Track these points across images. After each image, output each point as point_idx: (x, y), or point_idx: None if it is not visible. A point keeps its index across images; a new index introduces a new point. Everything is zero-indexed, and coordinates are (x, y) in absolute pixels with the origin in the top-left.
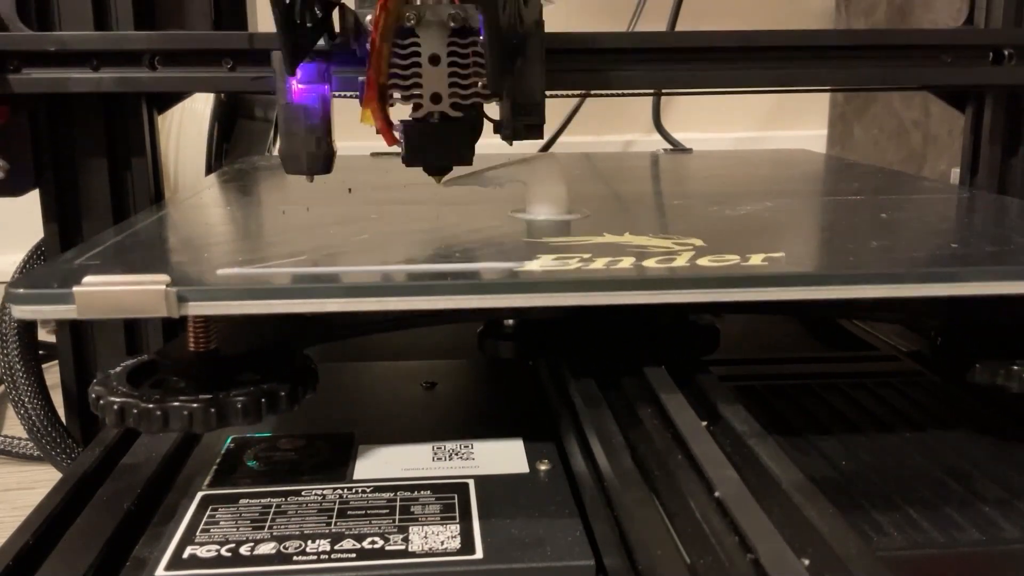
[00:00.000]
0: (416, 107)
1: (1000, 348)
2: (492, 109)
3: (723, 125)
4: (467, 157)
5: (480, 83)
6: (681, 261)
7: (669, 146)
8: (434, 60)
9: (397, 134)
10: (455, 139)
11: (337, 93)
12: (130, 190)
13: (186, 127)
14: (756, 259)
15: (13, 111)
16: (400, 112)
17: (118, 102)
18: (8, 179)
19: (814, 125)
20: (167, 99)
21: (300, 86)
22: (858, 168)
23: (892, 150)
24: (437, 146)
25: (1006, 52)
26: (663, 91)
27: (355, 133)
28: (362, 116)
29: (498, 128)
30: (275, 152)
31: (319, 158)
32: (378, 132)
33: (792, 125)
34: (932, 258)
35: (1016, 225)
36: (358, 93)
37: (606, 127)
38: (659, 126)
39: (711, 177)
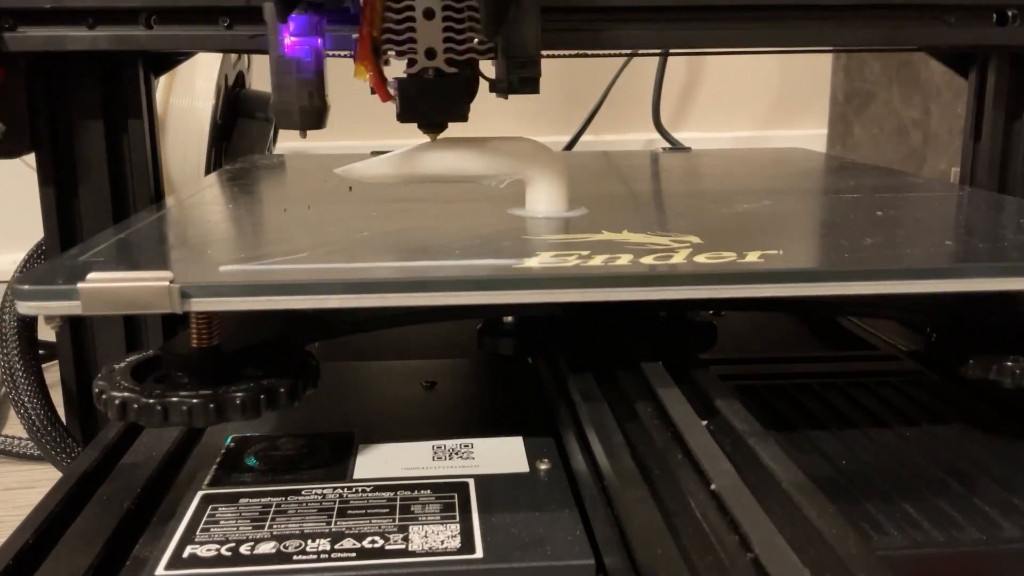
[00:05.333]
0: (410, 63)
1: (994, 344)
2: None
3: (722, 124)
4: (462, 113)
5: (476, 39)
6: (679, 258)
7: (668, 145)
8: (428, 14)
9: (392, 91)
10: (450, 95)
11: (332, 52)
12: (126, 153)
13: (186, 126)
14: (752, 256)
15: (9, 72)
16: (396, 73)
17: (114, 63)
18: (4, 141)
19: (814, 124)
20: (163, 60)
21: (292, 39)
22: (855, 167)
23: (892, 149)
24: (432, 102)
25: (1010, 12)
26: (668, 51)
27: (356, 132)
28: (356, 71)
29: (494, 86)
30: (275, 151)
31: (312, 113)
32: (372, 91)
33: (792, 124)
34: (927, 255)
35: (1010, 222)
36: (352, 51)
37: (605, 126)
38: (658, 125)
39: (709, 175)
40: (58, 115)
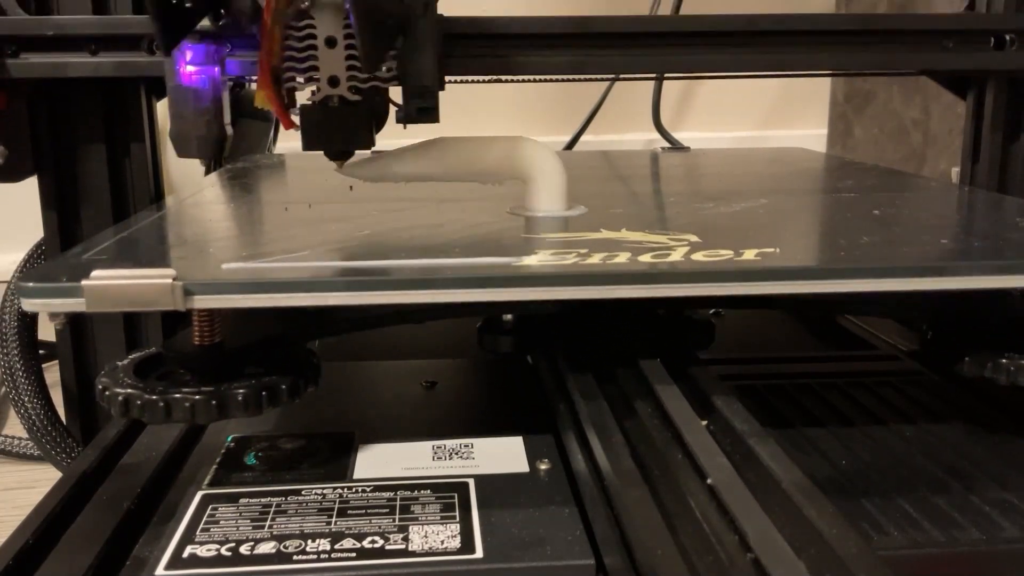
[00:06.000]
0: (315, 91)
1: (989, 341)
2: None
3: (722, 124)
4: (366, 141)
5: (384, 67)
6: (676, 256)
7: (667, 144)
8: (330, 42)
9: (296, 118)
10: (354, 123)
11: (245, 77)
12: (129, 177)
13: None
14: (749, 254)
15: (12, 97)
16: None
17: (117, 88)
18: (7, 165)
19: (814, 124)
20: (165, 84)
21: (190, 68)
22: (853, 166)
23: (892, 149)
24: (335, 130)
25: (1008, 37)
26: (665, 75)
27: None
28: (256, 99)
29: (398, 114)
30: (275, 150)
31: (209, 141)
32: (277, 119)
33: (792, 124)
34: (922, 253)
35: (1006, 221)
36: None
37: (605, 126)
38: (658, 125)
39: (708, 175)
40: (61, 139)
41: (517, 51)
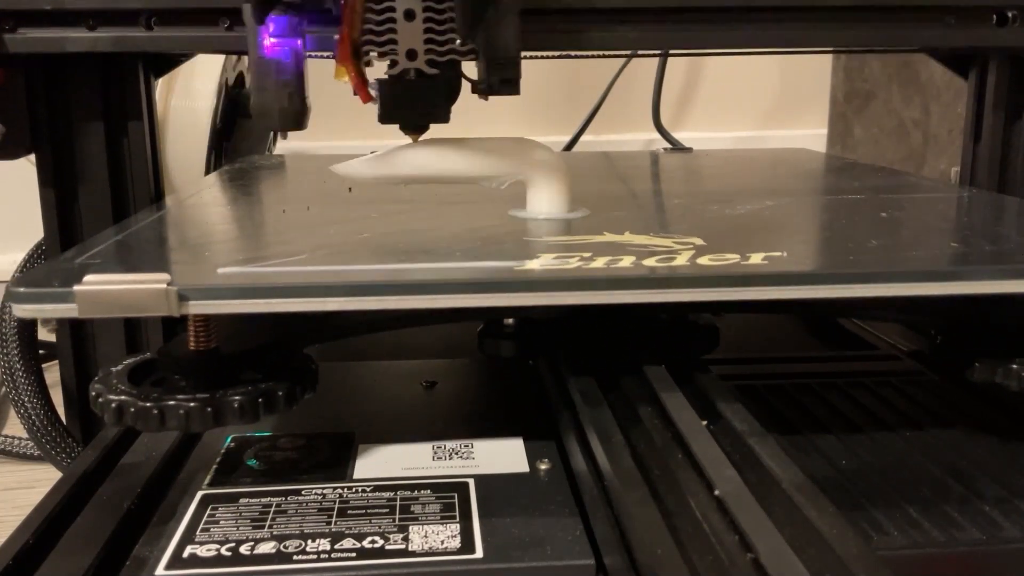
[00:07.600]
0: (391, 64)
1: (1000, 347)
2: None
3: (722, 124)
4: (443, 115)
5: (457, 41)
6: (681, 260)
7: (669, 145)
8: (409, 15)
9: (373, 92)
10: (431, 96)
11: (314, 53)
12: (126, 155)
13: (187, 127)
14: (756, 258)
15: (9, 73)
16: (378, 74)
17: (115, 64)
18: (5, 142)
19: (814, 124)
20: (164, 61)
21: (272, 40)
22: (858, 167)
23: (892, 149)
24: (413, 103)
25: (1010, 13)
26: (667, 52)
27: (356, 132)
28: (336, 72)
29: (475, 87)
30: (275, 151)
31: (291, 113)
32: (355, 93)
33: (791, 124)
34: (932, 257)
35: (1015, 224)
36: (333, 52)
37: (605, 126)
38: (658, 125)
39: (711, 176)
40: (58, 117)
41: (597, 26)
